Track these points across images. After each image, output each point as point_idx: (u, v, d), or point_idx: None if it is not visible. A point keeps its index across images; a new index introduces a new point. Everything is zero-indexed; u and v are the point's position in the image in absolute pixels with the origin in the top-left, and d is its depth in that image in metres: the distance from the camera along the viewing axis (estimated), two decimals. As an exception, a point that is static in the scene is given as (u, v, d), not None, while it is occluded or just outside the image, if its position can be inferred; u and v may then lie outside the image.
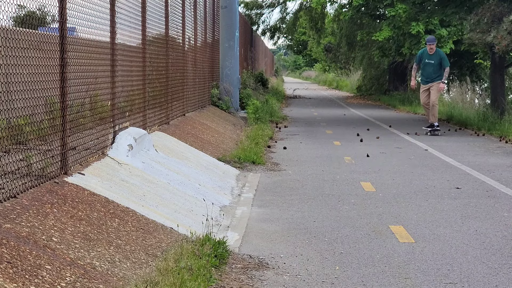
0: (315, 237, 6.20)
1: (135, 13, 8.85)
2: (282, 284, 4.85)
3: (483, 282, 4.90)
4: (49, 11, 5.74)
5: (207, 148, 10.65)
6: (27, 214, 4.54)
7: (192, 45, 14.12)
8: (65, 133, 5.84)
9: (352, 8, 26.56)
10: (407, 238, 6.12)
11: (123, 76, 8.08)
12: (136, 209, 5.84)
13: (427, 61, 15.57)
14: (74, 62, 6.17)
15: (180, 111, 12.46)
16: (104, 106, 7.28)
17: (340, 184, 8.96)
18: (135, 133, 7.82)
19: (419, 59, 15.88)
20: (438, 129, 15.64)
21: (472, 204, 7.66)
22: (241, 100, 18.38)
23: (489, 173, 9.83)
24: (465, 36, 21.25)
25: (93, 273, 4.20)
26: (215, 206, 7.11)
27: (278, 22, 41.44)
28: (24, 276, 3.69)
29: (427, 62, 15.56)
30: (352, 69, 48.44)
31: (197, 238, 5.44)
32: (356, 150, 12.65)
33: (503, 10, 17.01)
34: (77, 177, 5.87)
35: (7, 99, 4.69)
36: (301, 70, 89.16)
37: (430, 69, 15.50)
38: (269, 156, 11.50)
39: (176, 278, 4.33)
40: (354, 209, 7.38)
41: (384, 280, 4.94)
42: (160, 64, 10.52)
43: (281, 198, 8.01)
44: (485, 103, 20.20)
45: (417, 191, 8.48)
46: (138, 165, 7.29)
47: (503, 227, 6.59)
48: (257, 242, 5.99)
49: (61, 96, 5.81)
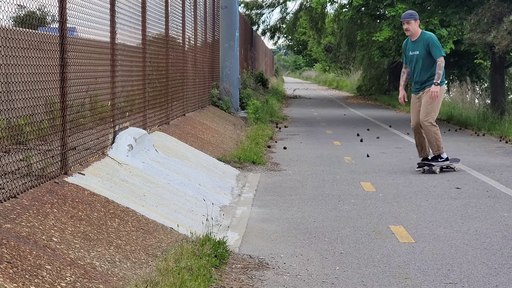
0: (315, 237, 6.20)
1: (135, 13, 8.85)
2: (282, 284, 4.85)
3: (483, 282, 4.90)
4: (49, 11, 5.74)
5: (207, 148, 10.64)
6: (27, 214, 4.54)
7: (192, 45, 14.12)
8: (65, 133, 5.84)
9: (352, 8, 26.55)
10: (407, 238, 6.12)
11: (123, 76, 8.08)
12: (136, 209, 5.84)
13: (411, 53, 10.00)
14: (74, 62, 6.17)
15: (180, 111, 12.45)
16: (104, 106, 7.28)
17: (340, 184, 8.96)
18: (135, 133, 7.82)
19: (404, 56, 10.25)
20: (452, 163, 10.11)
21: (472, 204, 7.66)
22: (241, 100, 18.38)
23: (489, 173, 9.83)
24: (465, 36, 21.26)
25: (93, 273, 4.20)
26: (215, 206, 7.11)
27: (278, 22, 41.46)
28: (24, 276, 3.69)
29: (411, 56, 9.99)
30: (352, 69, 48.47)
31: (197, 238, 5.44)
32: (356, 150, 12.65)
33: (503, 10, 17.01)
34: (77, 177, 5.87)
35: (7, 99, 4.69)
36: (301, 70, 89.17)
37: (417, 65, 9.91)
38: (269, 156, 11.50)
39: (176, 278, 4.34)
40: (354, 209, 7.38)
41: (384, 280, 4.94)
42: (160, 64, 10.52)
43: (281, 198, 8.01)
44: (485, 103, 20.21)
45: (417, 191, 8.48)
46: (138, 165, 7.29)
47: (503, 227, 6.59)
48: (257, 242, 5.99)
49: (61, 96, 5.81)
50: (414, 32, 9.84)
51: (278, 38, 46.23)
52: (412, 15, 9.83)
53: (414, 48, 9.90)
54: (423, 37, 9.81)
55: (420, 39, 9.84)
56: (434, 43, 9.75)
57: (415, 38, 9.88)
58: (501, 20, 16.74)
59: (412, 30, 9.83)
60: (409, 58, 10.00)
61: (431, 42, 9.74)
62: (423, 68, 9.82)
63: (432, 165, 9.83)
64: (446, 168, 9.99)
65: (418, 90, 9.95)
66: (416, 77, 9.95)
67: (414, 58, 9.91)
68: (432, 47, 9.73)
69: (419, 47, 9.84)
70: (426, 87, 9.82)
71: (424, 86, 9.86)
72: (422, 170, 9.89)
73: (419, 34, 9.85)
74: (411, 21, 9.78)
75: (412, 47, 9.94)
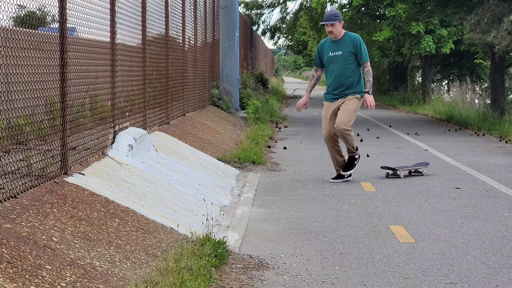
0: (315, 237, 6.20)
1: (135, 13, 8.85)
2: (282, 284, 4.85)
3: (483, 282, 4.90)
4: (49, 11, 5.74)
5: (207, 148, 10.65)
6: (27, 214, 4.55)
7: (192, 45, 14.12)
8: (65, 133, 5.84)
9: (352, 8, 26.55)
10: (407, 238, 6.12)
11: (123, 76, 8.08)
12: (136, 209, 5.84)
13: (331, 54, 8.94)
14: (74, 62, 6.17)
15: (180, 111, 12.46)
16: (104, 106, 7.28)
17: (340, 184, 8.95)
18: (135, 133, 7.82)
19: (319, 58, 9.14)
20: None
21: (472, 204, 7.66)
22: (241, 100, 18.38)
23: (489, 173, 9.83)
24: (465, 36, 21.27)
25: (93, 273, 4.20)
26: (215, 206, 7.11)
27: (278, 22, 41.49)
28: (24, 276, 3.69)
29: (332, 57, 8.95)
30: (352, 69, 48.39)
31: (197, 238, 5.44)
32: (356, 150, 12.64)
33: (503, 10, 17.02)
34: (77, 177, 5.87)
35: (7, 99, 4.69)
36: (301, 70, 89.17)
37: (338, 66, 8.90)
38: (269, 156, 11.50)
39: (176, 278, 4.34)
40: (354, 209, 7.38)
41: (384, 280, 4.94)
42: (160, 64, 10.52)
43: (281, 198, 8.01)
44: (485, 103, 20.22)
45: (417, 191, 8.48)
46: (138, 165, 7.29)
47: (503, 227, 6.59)
48: (257, 242, 5.99)
49: (61, 96, 5.81)
50: (337, 33, 8.91)
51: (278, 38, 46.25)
52: (337, 17, 8.84)
53: (337, 48, 8.89)
54: (349, 36, 8.92)
55: (346, 39, 8.89)
56: (363, 45, 8.91)
57: (337, 38, 8.92)
58: (501, 20, 16.74)
59: (336, 32, 8.88)
60: (328, 60, 8.95)
61: (360, 43, 8.86)
62: (345, 70, 8.85)
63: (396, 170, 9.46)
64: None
65: (336, 97, 8.94)
66: (335, 81, 8.93)
67: (336, 59, 8.89)
68: (361, 49, 8.84)
69: (344, 47, 8.87)
70: (349, 94, 8.88)
71: (346, 93, 8.89)
72: (386, 174, 9.49)
73: (342, 34, 8.93)
74: (335, 23, 8.81)
75: (333, 47, 8.92)
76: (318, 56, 9.11)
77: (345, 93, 8.92)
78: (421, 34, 24.30)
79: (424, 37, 24.45)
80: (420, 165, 9.79)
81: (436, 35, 24.87)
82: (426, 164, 9.83)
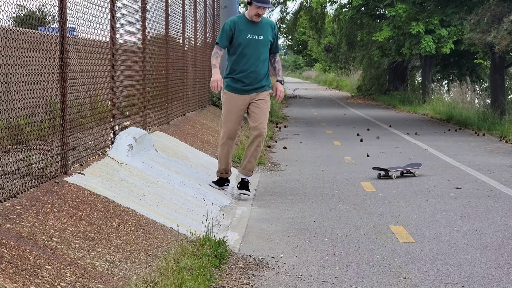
0: (315, 237, 6.20)
1: (135, 13, 8.85)
2: (282, 284, 4.85)
3: (483, 282, 4.90)
4: (49, 11, 5.74)
5: (207, 148, 10.64)
6: (27, 214, 4.54)
7: (192, 45, 14.13)
8: (65, 133, 5.84)
9: (352, 8, 26.56)
10: (407, 238, 6.12)
11: (123, 76, 8.08)
12: (136, 209, 5.84)
13: (249, 36, 7.71)
14: (74, 62, 6.17)
15: (180, 111, 12.46)
16: (104, 106, 7.28)
17: (340, 184, 8.96)
18: (135, 133, 7.82)
19: (228, 38, 7.74)
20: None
21: (472, 204, 7.66)
22: (241, 100, 18.36)
23: (489, 173, 9.83)
24: (465, 36, 21.27)
25: (93, 273, 4.20)
26: (215, 206, 7.11)
27: (278, 22, 41.43)
28: (24, 276, 3.69)
29: (250, 40, 7.71)
30: (352, 69, 48.48)
31: (197, 238, 5.44)
32: (356, 150, 12.65)
33: (503, 10, 17.02)
34: (77, 177, 5.87)
35: (7, 99, 4.69)
36: (301, 70, 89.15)
37: (256, 52, 7.75)
38: (269, 156, 11.50)
39: (176, 278, 4.34)
40: (354, 209, 7.38)
41: (384, 280, 4.94)
42: (160, 64, 10.52)
43: (281, 198, 8.01)
44: (485, 103, 20.22)
45: (417, 191, 8.48)
46: (138, 165, 7.29)
47: (503, 227, 6.59)
48: (257, 242, 5.99)
49: (61, 96, 5.81)
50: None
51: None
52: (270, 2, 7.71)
53: (257, 32, 7.71)
54: (268, 22, 7.84)
55: (265, 24, 7.78)
56: (276, 32, 7.90)
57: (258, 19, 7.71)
58: (501, 20, 16.74)
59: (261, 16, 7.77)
60: (244, 42, 7.66)
61: (277, 32, 7.89)
62: (262, 58, 7.73)
63: (388, 170, 9.34)
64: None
65: (249, 89, 7.77)
66: (249, 69, 7.71)
67: (254, 44, 7.70)
68: (277, 38, 7.90)
69: (265, 32, 7.74)
70: (265, 88, 7.82)
71: (259, 86, 7.77)
72: (378, 175, 9.31)
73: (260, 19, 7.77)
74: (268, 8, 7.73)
75: (253, 30, 7.70)
76: (228, 35, 7.71)
77: (258, 86, 7.80)
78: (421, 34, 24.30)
79: (424, 37, 24.45)
80: (412, 165, 9.80)
81: (436, 35, 24.87)
82: (418, 165, 9.82)
